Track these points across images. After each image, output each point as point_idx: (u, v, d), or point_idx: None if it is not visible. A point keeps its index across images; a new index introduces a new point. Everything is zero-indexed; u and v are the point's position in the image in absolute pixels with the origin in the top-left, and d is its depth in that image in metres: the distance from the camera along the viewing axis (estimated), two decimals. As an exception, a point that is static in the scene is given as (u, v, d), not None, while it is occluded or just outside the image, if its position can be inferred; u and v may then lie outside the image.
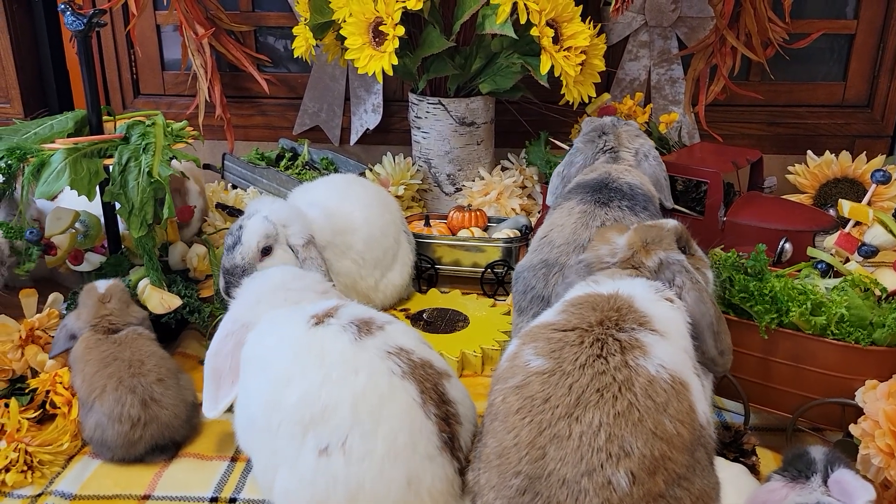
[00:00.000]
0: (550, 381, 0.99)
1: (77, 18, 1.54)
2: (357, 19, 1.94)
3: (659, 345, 1.01)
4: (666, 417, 0.95)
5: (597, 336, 1.01)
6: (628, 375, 0.97)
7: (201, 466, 1.29)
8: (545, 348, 1.03)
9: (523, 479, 0.96)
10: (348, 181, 1.84)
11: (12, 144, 1.48)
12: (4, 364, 1.40)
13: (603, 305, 1.05)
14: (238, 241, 1.51)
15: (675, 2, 2.38)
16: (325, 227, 1.64)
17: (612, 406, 0.95)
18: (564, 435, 0.95)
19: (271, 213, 1.53)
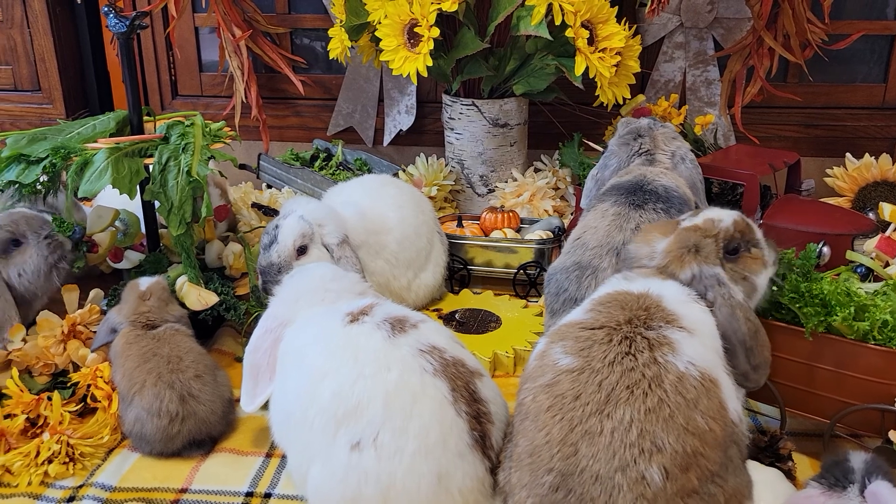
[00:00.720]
0: (580, 379, 1.00)
1: (120, 21, 1.57)
2: (392, 21, 1.95)
3: (687, 342, 1.01)
4: (697, 413, 0.95)
5: (625, 334, 1.02)
6: (658, 372, 0.98)
7: (237, 461, 1.31)
8: (574, 347, 1.04)
9: (556, 476, 0.97)
10: (382, 182, 1.85)
11: (57, 144, 1.52)
12: (47, 358, 1.43)
13: (632, 304, 1.06)
14: (274, 239, 1.53)
15: (712, 3, 2.36)
16: (359, 227, 1.66)
17: (643, 402, 0.95)
18: (596, 431, 0.96)
19: (307, 213, 1.55)
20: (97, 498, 1.22)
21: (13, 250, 1.47)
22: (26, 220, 1.49)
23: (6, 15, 2.58)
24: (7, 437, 1.29)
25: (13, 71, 2.65)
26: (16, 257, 1.47)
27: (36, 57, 2.61)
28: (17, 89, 2.68)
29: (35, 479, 1.24)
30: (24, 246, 1.48)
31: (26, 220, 1.49)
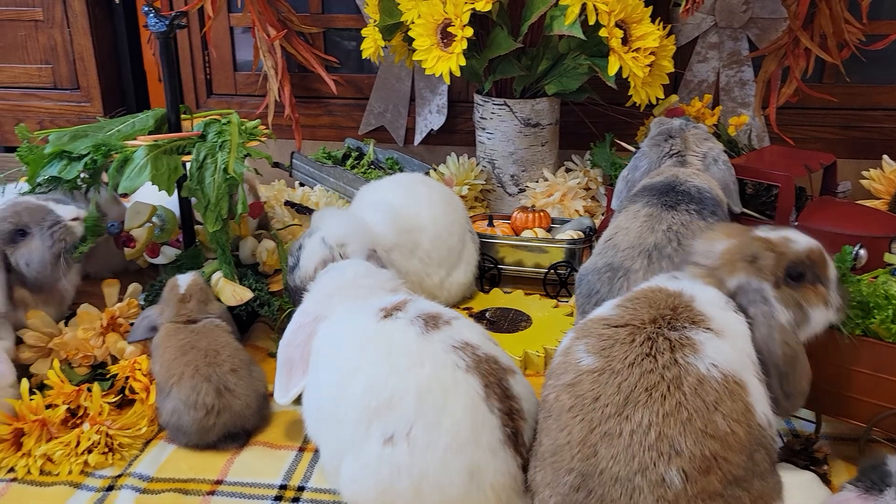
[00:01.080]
0: (600, 381, 1.00)
1: (159, 20, 1.60)
2: (426, 21, 1.97)
3: (712, 343, 1.01)
4: (718, 416, 0.95)
5: (648, 334, 1.02)
6: (677, 374, 0.97)
7: (271, 454, 1.33)
8: (596, 346, 1.04)
9: (576, 477, 0.98)
10: (415, 180, 1.86)
11: (98, 141, 1.55)
12: (87, 350, 1.46)
13: (660, 303, 1.05)
14: (297, 264, 1.56)
15: (747, 2, 2.34)
16: (391, 227, 1.67)
17: (661, 405, 0.95)
18: (615, 433, 0.96)
19: (329, 234, 1.55)
20: (135, 487, 1.24)
21: (20, 240, 1.48)
22: (28, 211, 1.50)
23: (47, 15, 2.64)
24: (49, 426, 1.32)
25: (53, 70, 2.71)
26: (22, 248, 1.48)
27: (75, 56, 2.67)
28: (56, 87, 2.73)
29: (75, 468, 1.27)
30: (28, 237, 1.49)
31: (28, 211, 1.50)
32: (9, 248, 1.48)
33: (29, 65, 2.72)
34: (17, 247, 1.48)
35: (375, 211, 1.70)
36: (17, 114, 2.74)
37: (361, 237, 1.58)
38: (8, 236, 1.47)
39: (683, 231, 1.45)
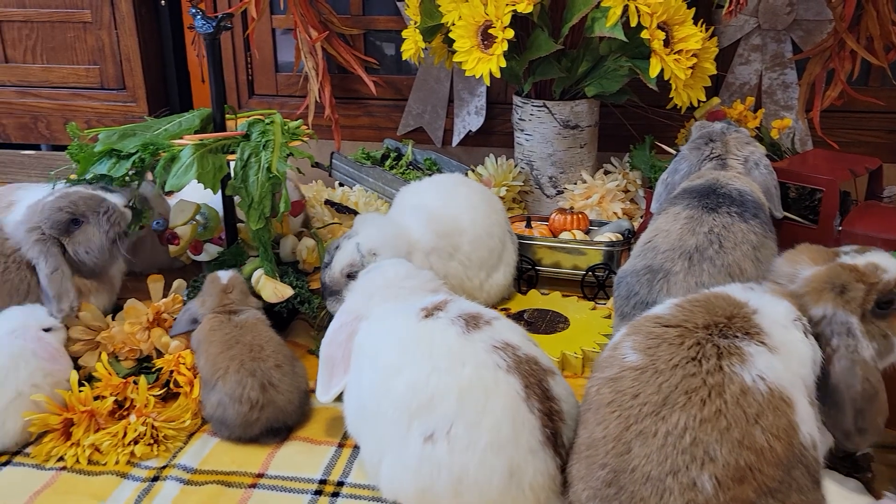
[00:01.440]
0: (641, 378, 1.00)
1: (206, 22, 1.63)
2: (466, 22, 1.98)
3: (763, 357, 0.99)
4: (757, 429, 0.94)
5: (698, 339, 1.01)
6: (720, 381, 0.96)
7: (311, 450, 1.35)
8: (643, 343, 1.04)
9: (609, 472, 0.98)
10: (455, 182, 1.87)
11: (146, 140, 1.59)
12: (133, 343, 1.50)
13: (718, 310, 1.04)
14: (329, 262, 1.59)
15: (791, 4, 2.31)
16: (429, 232, 1.67)
17: (700, 410, 0.95)
18: (650, 433, 0.96)
19: (363, 242, 1.57)
20: (179, 479, 1.27)
21: (75, 229, 1.55)
22: (84, 200, 1.56)
23: (95, 17, 2.70)
24: (97, 417, 1.35)
25: (100, 70, 2.77)
26: (78, 236, 1.55)
27: (122, 57, 2.73)
28: (103, 88, 2.80)
29: (122, 458, 1.30)
30: (84, 225, 1.55)
31: (84, 200, 1.56)
32: (65, 238, 1.54)
33: (77, 65, 2.79)
34: (74, 235, 1.54)
35: (414, 214, 1.71)
36: (66, 113, 2.81)
37: (396, 247, 1.59)
38: (65, 226, 1.53)
39: (725, 234, 1.44)
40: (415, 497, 1.12)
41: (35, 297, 1.52)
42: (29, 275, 1.52)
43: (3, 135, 2.89)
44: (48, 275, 1.50)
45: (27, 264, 1.52)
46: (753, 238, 1.45)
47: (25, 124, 2.86)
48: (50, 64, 2.80)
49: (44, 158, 2.86)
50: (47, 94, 2.82)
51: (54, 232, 1.53)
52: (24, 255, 1.52)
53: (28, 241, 1.52)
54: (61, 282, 1.51)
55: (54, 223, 1.52)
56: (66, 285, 1.51)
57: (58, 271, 1.50)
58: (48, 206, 1.54)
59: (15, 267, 1.51)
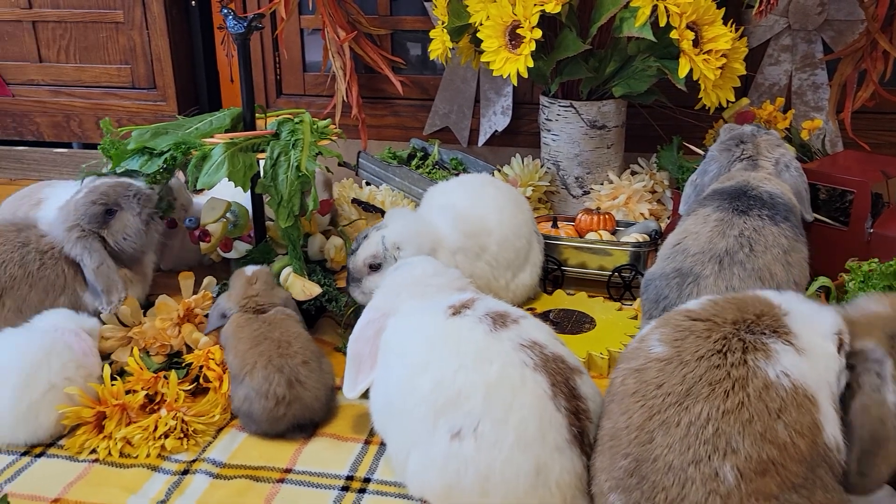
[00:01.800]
0: (667, 369, 1.01)
1: (238, 22, 1.65)
2: (494, 22, 1.98)
3: (789, 355, 0.99)
4: (780, 424, 0.94)
5: (725, 333, 1.01)
6: (744, 374, 0.97)
7: (338, 446, 1.36)
8: (670, 335, 1.05)
9: (631, 461, 0.99)
10: (482, 182, 1.87)
11: (178, 138, 1.61)
12: (164, 339, 1.52)
13: (749, 308, 1.04)
14: (355, 250, 1.62)
15: (822, 4, 2.29)
16: (455, 232, 1.68)
17: (723, 402, 0.95)
18: (673, 423, 0.97)
19: (389, 235, 1.59)
20: (209, 472, 1.29)
21: (111, 219, 1.59)
22: (112, 188, 1.60)
23: (127, 17, 2.74)
24: (128, 411, 1.37)
25: (132, 70, 2.81)
26: (115, 225, 1.59)
27: (153, 57, 2.77)
28: (134, 87, 2.84)
29: (153, 451, 1.32)
30: (118, 213, 1.59)
31: (112, 188, 1.60)
32: (104, 229, 1.58)
33: (109, 65, 2.84)
34: (111, 225, 1.58)
35: (442, 213, 1.71)
36: (98, 112, 2.86)
37: (420, 243, 1.60)
38: (101, 218, 1.57)
39: (755, 237, 1.43)
40: (441, 494, 1.13)
41: (71, 293, 1.55)
42: (65, 270, 1.55)
43: (37, 133, 2.94)
44: (94, 269, 1.53)
45: (64, 260, 1.55)
46: (784, 242, 1.44)
47: (58, 123, 2.91)
48: (82, 63, 2.85)
49: (76, 156, 2.91)
50: (80, 94, 2.87)
51: (93, 226, 1.56)
52: (63, 252, 1.55)
53: (70, 239, 1.55)
54: (108, 275, 1.54)
55: (91, 217, 1.56)
56: (114, 277, 1.55)
57: (104, 265, 1.54)
58: (80, 202, 1.57)
59: (52, 263, 1.54)
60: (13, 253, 1.52)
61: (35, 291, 1.52)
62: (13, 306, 1.50)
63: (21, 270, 1.51)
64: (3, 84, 2.90)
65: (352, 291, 1.62)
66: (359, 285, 1.60)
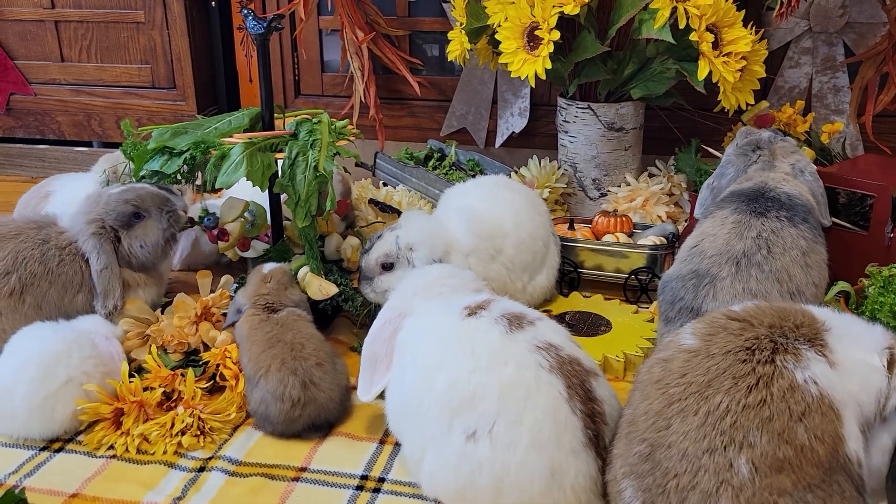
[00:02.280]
0: (693, 361, 1.01)
1: (258, 23, 1.66)
2: (512, 24, 1.98)
3: (820, 366, 0.98)
4: (801, 427, 0.93)
5: (758, 334, 1.01)
6: (770, 372, 0.96)
7: (352, 445, 1.37)
8: (703, 330, 1.05)
9: (646, 447, 0.99)
10: (499, 184, 1.87)
11: (197, 138, 1.62)
12: (181, 337, 1.53)
13: (790, 317, 1.04)
14: (368, 249, 1.64)
15: (844, 7, 2.27)
16: (469, 234, 1.68)
17: (745, 396, 0.95)
18: (691, 411, 0.97)
19: (403, 236, 1.62)
20: (225, 470, 1.30)
21: (135, 223, 1.60)
22: (150, 196, 1.61)
23: (148, 17, 2.76)
24: (146, 407, 1.38)
25: (152, 69, 2.84)
26: (137, 230, 1.60)
27: (173, 56, 2.79)
28: (154, 87, 2.86)
29: (170, 448, 1.34)
30: (145, 220, 1.60)
31: (150, 196, 1.61)
32: (124, 231, 1.59)
33: (130, 65, 2.86)
34: (134, 229, 1.59)
35: (458, 215, 1.71)
36: (118, 111, 2.88)
37: (433, 245, 1.62)
38: (127, 219, 1.59)
39: (773, 238, 1.42)
40: (455, 495, 1.13)
41: (88, 290, 1.56)
42: (83, 267, 1.56)
43: (58, 132, 2.97)
44: (98, 271, 1.55)
45: (82, 256, 1.57)
46: (803, 243, 1.43)
47: (79, 122, 2.94)
48: (103, 63, 2.88)
49: (96, 155, 2.92)
50: (101, 93, 2.90)
51: (116, 223, 1.58)
52: (79, 248, 1.57)
53: (85, 232, 1.56)
54: (109, 280, 1.56)
55: (118, 215, 1.57)
56: (114, 284, 1.56)
57: (108, 269, 1.55)
58: (113, 197, 1.59)
59: (70, 259, 1.56)
60: (34, 250, 1.54)
61: (54, 288, 1.54)
62: (33, 303, 1.52)
63: (41, 267, 1.53)
64: (26, 83, 2.93)
65: (363, 289, 1.64)
66: (370, 284, 1.62)
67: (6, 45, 2.90)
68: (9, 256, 1.51)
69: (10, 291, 1.50)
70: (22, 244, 1.54)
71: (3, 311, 1.50)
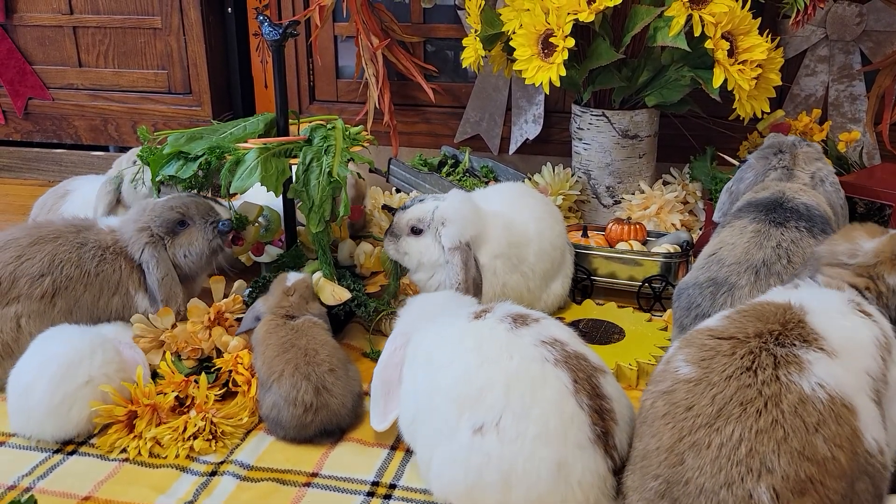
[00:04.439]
0: (695, 391, 1.00)
1: (273, 29, 1.67)
2: (527, 31, 1.98)
3: (822, 363, 0.98)
4: (819, 438, 0.92)
5: (750, 348, 1.00)
6: (777, 391, 0.96)
7: (364, 451, 1.37)
8: (696, 356, 1.04)
9: (661, 483, 0.98)
10: (521, 192, 1.84)
11: (212, 143, 1.63)
12: (195, 343, 1.54)
13: (769, 317, 1.03)
14: (406, 207, 1.66)
15: (861, 15, 2.25)
16: (504, 238, 1.67)
17: (755, 421, 0.94)
18: (703, 444, 0.96)
19: (440, 207, 1.63)
20: (236, 474, 1.30)
21: (180, 231, 1.60)
22: (196, 205, 1.63)
23: (165, 23, 2.78)
24: (159, 411, 1.39)
25: (168, 75, 2.86)
26: (181, 238, 1.61)
27: (189, 62, 2.81)
28: (170, 92, 2.88)
29: (182, 452, 1.34)
30: (190, 228, 1.61)
31: (196, 205, 1.63)
32: (169, 238, 1.60)
33: (146, 70, 2.88)
34: (178, 237, 1.60)
35: (494, 217, 1.69)
36: (134, 116, 2.91)
37: (463, 227, 1.60)
38: (171, 226, 1.59)
39: (793, 248, 1.41)
40: (464, 492, 1.13)
41: (125, 292, 1.58)
42: (122, 267, 1.57)
43: (75, 136, 3.00)
44: (160, 279, 1.56)
45: (124, 257, 1.57)
46: (822, 254, 1.42)
47: (96, 126, 2.97)
48: (120, 68, 2.90)
49: (112, 159, 2.94)
50: (117, 98, 2.92)
51: (161, 231, 1.58)
52: (125, 250, 1.57)
53: (139, 241, 1.57)
54: (171, 286, 1.57)
55: (164, 221, 1.58)
56: (176, 290, 1.58)
57: (168, 275, 1.57)
58: (160, 205, 1.60)
59: (112, 258, 1.56)
60: (71, 253, 1.54)
61: (90, 291, 1.54)
62: (64, 307, 1.52)
63: (77, 271, 1.53)
64: (44, 87, 2.96)
65: (386, 244, 1.66)
66: (395, 241, 1.65)
67: (25, 50, 2.93)
68: (45, 258, 1.52)
69: (41, 294, 1.50)
70: (60, 247, 1.54)
71: (31, 315, 1.50)
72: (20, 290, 1.50)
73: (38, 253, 1.52)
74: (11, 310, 1.49)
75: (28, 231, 1.56)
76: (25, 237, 1.55)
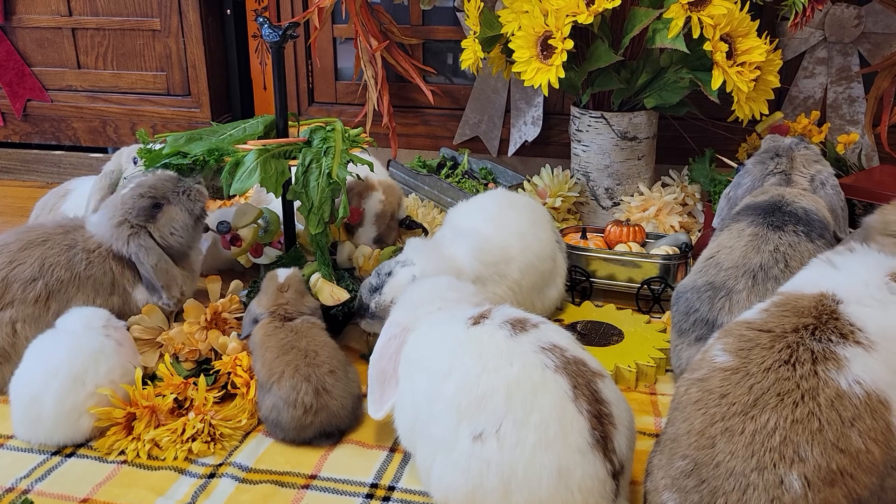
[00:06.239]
0: (732, 379, 1.02)
1: (273, 31, 1.67)
2: (526, 33, 1.98)
3: (860, 359, 0.99)
4: (854, 432, 0.93)
5: (788, 343, 1.01)
6: (815, 385, 0.97)
7: (363, 453, 1.36)
8: (734, 345, 1.05)
9: (689, 463, 1.00)
10: (502, 205, 1.79)
11: (212, 144, 1.63)
12: (192, 344, 1.53)
13: (804, 310, 1.04)
14: (380, 288, 1.54)
15: (859, 17, 2.26)
16: (476, 262, 1.63)
17: (791, 412, 0.95)
18: (737, 430, 0.97)
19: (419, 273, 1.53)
20: (235, 476, 1.30)
21: (157, 213, 1.58)
22: (161, 182, 1.60)
23: (164, 25, 2.79)
24: (157, 413, 1.39)
25: (167, 77, 2.86)
26: (162, 219, 1.58)
27: (188, 64, 2.81)
28: (169, 94, 2.88)
29: (180, 454, 1.34)
30: (165, 207, 1.58)
31: (161, 182, 1.60)
32: (151, 224, 1.57)
33: (145, 72, 2.88)
34: (158, 220, 1.58)
35: (464, 242, 1.66)
36: (133, 118, 2.91)
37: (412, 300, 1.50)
38: (148, 211, 1.57)
39: (791, 253, 1.41)
40: (465, 499, 1.12)
41: (121, 291, 1.57)
42: (112, 268, 1.56)
43: (74, 138, 3.00)
44: (153, 266, 1.54)
45: (112, 257, 1.56)
46: (819, 260, 1.42)
47: (95, 128, 2.97)
48: (119, 70, 2.90)
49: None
50: (116, 100, 2.92)
51: (140, 220, 1.56)
52: (111, 250, 1.56)
53: (121, 236, 1.55)
54: (168, 270, 1.56)
55: (139, 210, 1.56)
56: (173, 273, 1.57)
57: (161, 261, 1.55)
58: (127, 195, 1.58)
59: (99, 261, 1.55)
60: (60, 256, 1.53)
61: (82, 293, 1.53)
62: (58, 310, 1.51)
63: (67, 273, 1.52)
64: (43, 89, 2.96)
65: (365, 325, 1.58)
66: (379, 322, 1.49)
67: (24, 52, 2.93)
68: (36, 262, 1.51)
69: (35, 298, 1.50)
70: (49, 250, 1.53)
71: (26, 319, 1.49)
72: (14, 294, 1.49)
73: (29, 257, 1.51)
74: (6, 315, 1.49)
75: (18, 236, 1.56)
76: (15, 242, 1.54)
